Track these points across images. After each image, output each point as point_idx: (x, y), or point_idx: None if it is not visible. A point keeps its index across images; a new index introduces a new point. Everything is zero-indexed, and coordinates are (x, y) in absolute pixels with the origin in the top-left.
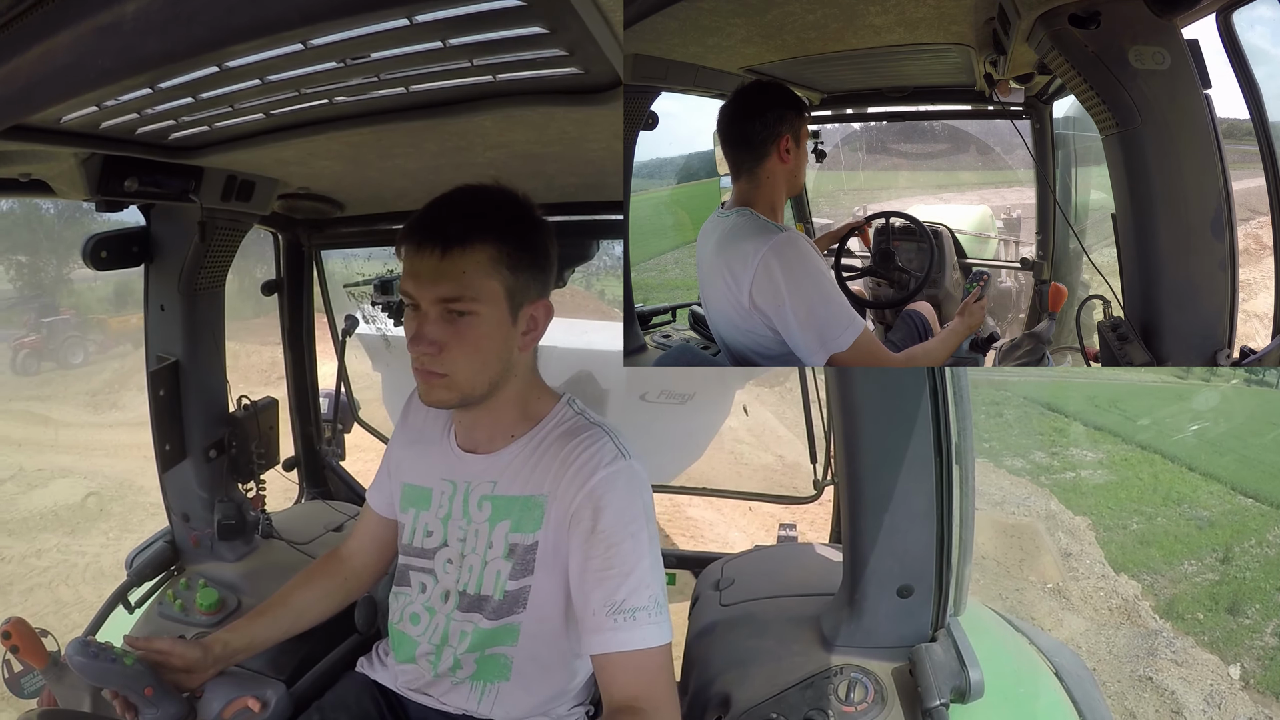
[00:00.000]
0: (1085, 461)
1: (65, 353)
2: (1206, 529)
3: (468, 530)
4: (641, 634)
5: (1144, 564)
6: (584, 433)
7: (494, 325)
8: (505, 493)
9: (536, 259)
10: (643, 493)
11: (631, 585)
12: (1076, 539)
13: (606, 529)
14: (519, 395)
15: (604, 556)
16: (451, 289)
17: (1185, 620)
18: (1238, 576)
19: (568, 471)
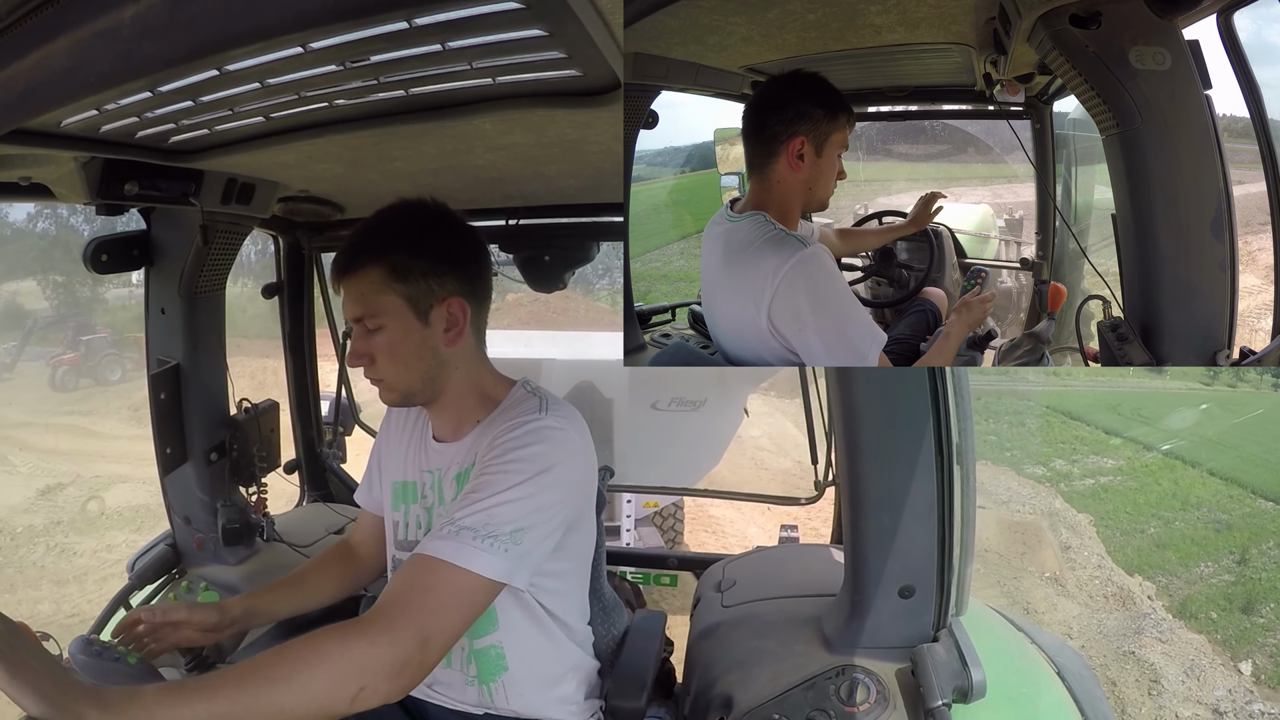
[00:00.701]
0: (1105, 468)
1: (103, 370)
2: (1224, 532)
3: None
4: (451, 547)
5: (1160, 566)
6: (522, 401)
7: (404, 332)
8: (461, 468)
9: (434, 264)
10: (540, 443)
11: (473, 508)
12: (1077, 534)
13: (489, 461)
14: (471, 384)
15: (472, 482)
16: (357, 310)
17: (1198, 619)
18: (1253, 577)
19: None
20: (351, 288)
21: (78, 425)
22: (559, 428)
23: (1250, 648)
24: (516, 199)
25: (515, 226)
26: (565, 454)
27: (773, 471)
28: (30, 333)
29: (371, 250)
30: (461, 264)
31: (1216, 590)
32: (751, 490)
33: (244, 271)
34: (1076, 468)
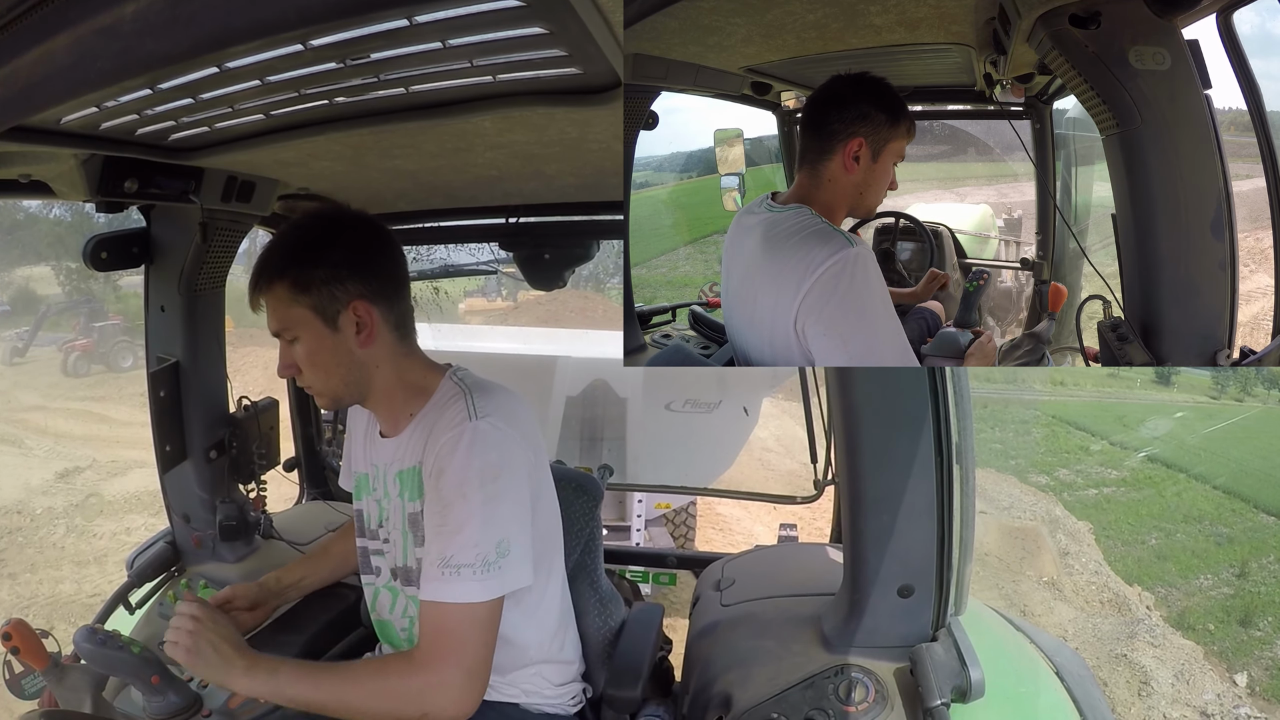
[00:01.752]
0: (1109, 479)
1: (115, 357)
2: (1225, 545)
3: (390, 508)
4: (458, 588)
5: (1159, 578)
6: (451, 400)
7: (317, 340)
8: (404, 465)
9: (332, 270)
10: (483, 453)
11: (459, 543)
12: (1076, 540)
13: (444, 488)
14: (398, 379)
15: (440, 514)
16: (273, 325)
17: (1195, 630)
18: (1252, 591)
19: (428, 438)
20: (267, 304)
21: (91, 411)
22: (490, 429)
23: (1246, 660)
24: (516, 197)
25: (515, 225)
26: (505, 452)
27: (778, 471)
28: (43, 318)
29: (274, 266)
30: (361, 266)
31: (1215, 603)
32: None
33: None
34: (1080, 477)
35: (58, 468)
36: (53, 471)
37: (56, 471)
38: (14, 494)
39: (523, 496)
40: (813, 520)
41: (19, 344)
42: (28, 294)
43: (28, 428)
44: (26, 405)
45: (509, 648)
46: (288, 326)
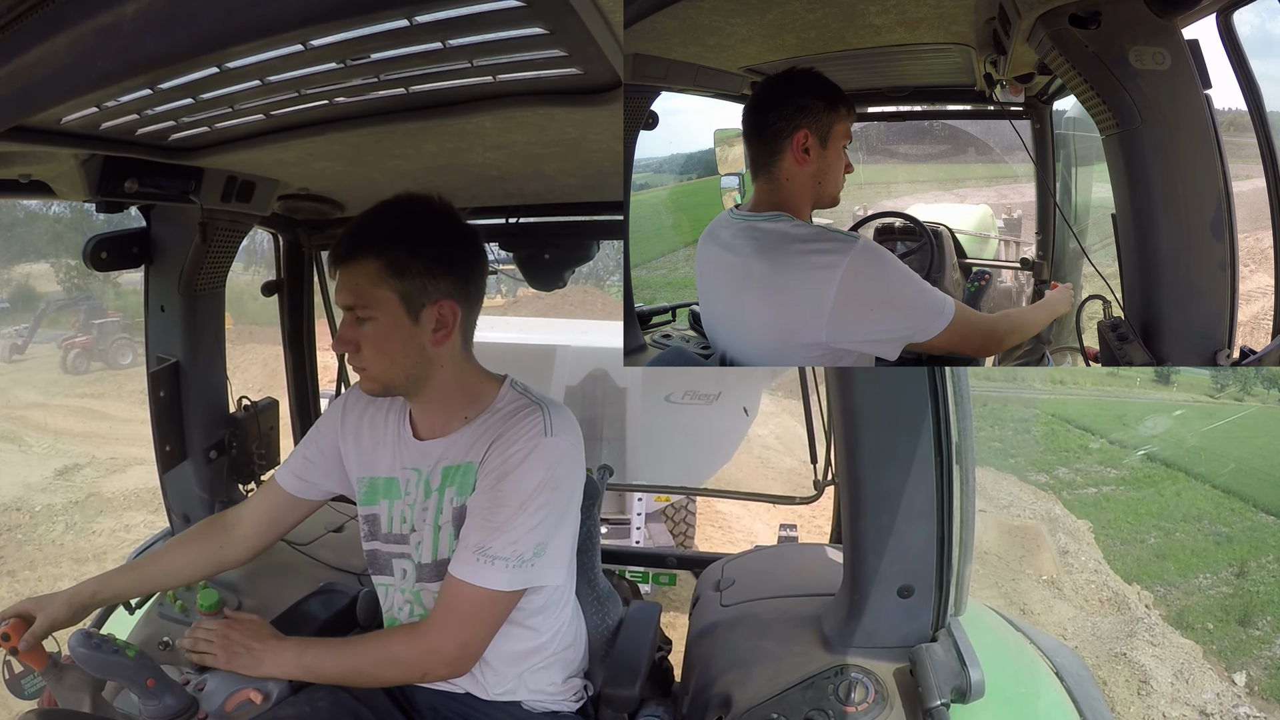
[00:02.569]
0: (1109, 478)
1: (114, 354)
2: (1224, 544)
3: (426, 505)
4: (488, 574)
5: (1158, 576)
6: (523, 411)
7: (393, 327)
8: (454, 462)
9: (432, 265)
10: (553, 467)
11: (503, 540)
12: (1075, 539)
13: (505, 491)
14: (457, 382)
15: (490, 509)
16: (349, 298)
17: (1195, 629)
18: (1251, 590)
19: (497, 443)
20: (347, 276)
21: (90, 408)
22: (567, 448)
23: (1245, 659)
24: (517, 197)
25: (515, 225)
26: (571, 469)
27: (778, 470)
28: (42, 315)
29: (372, 242)
30: (458, 266)
31: (1214, 602)
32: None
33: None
34: (1079, 476)
35: (57, 465)
36: (52, 469)
37: (56, 469)
38: (13, 491)
39: (573, 508)
40: (813, 520)
41: (18, 341)
42: (27, 291)
43: (27, 425)
44: (26, 402)
45: (529, 641)
46: (367, 304)
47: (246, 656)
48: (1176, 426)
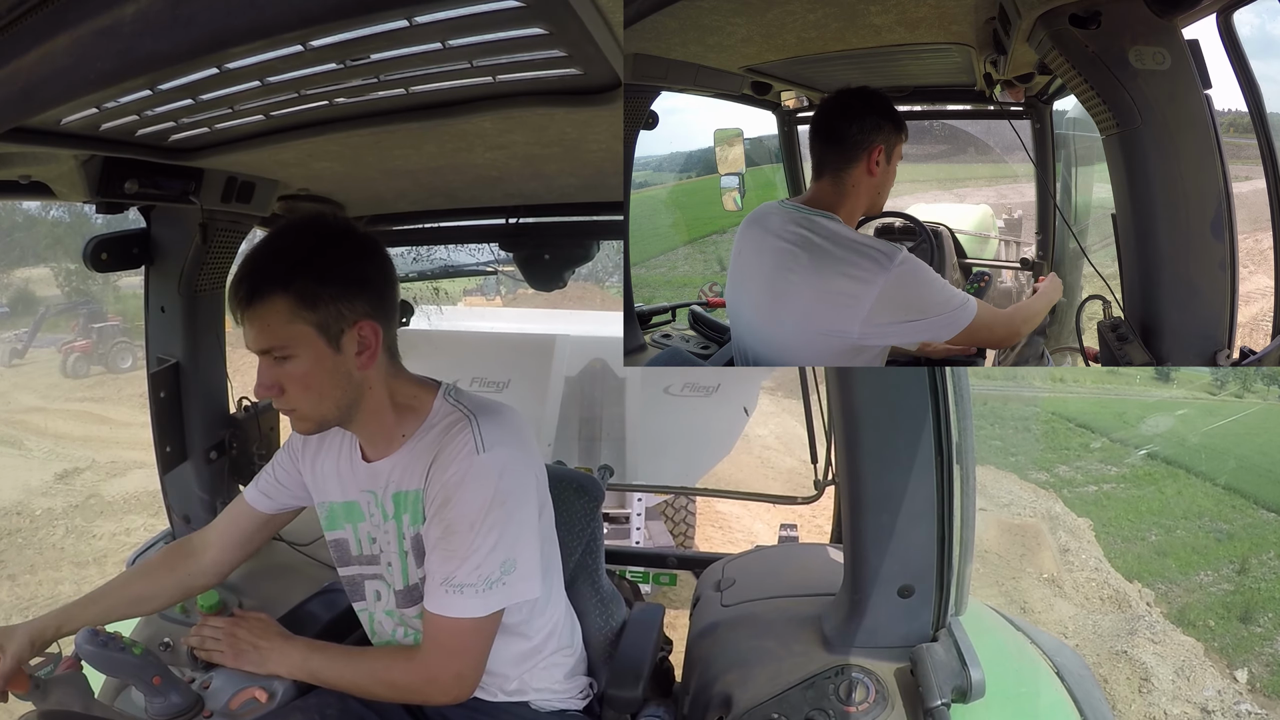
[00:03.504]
0: (1109, 475)
1: (114, 358)
2: (1225, 541)
3: (386, 530)
4: (459, 604)
5: (1159, 574)
6: (454, 427)
7: (314, 361)
8: (402, 488)
9: (343, 288)
10: (492, 483)
11: (467, 568)
12: (1076, 537)
13: (452, 518)
14: (387, 401)
15: (448, 541)
16: (263, 341)
17: (1196, 627)
18: (1253, 587)
19: (433, 466)
20: (256, 319)
21: (90, 411)
22: (505, 459)
23: (1247, 656)
24: (516, 198)
25: (515, 225)
26: (515, 479)
27: (778, 470)
28: (42, 319)
29: (276, 278)
30: (369, 283)
31: (1215, 599)
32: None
33: None
34: (1080, 474)
35: (57, 469)
36: (52, 473)
37: (56, 473)
38: (13, 495)
39: (529, 516)
40: (813, 519)
41: (18, 345)
42: (27, 295)
43: (27, 429)
44: (26, 406)
45: (523, 645)
46: (282, 344)
47: (253, 654)
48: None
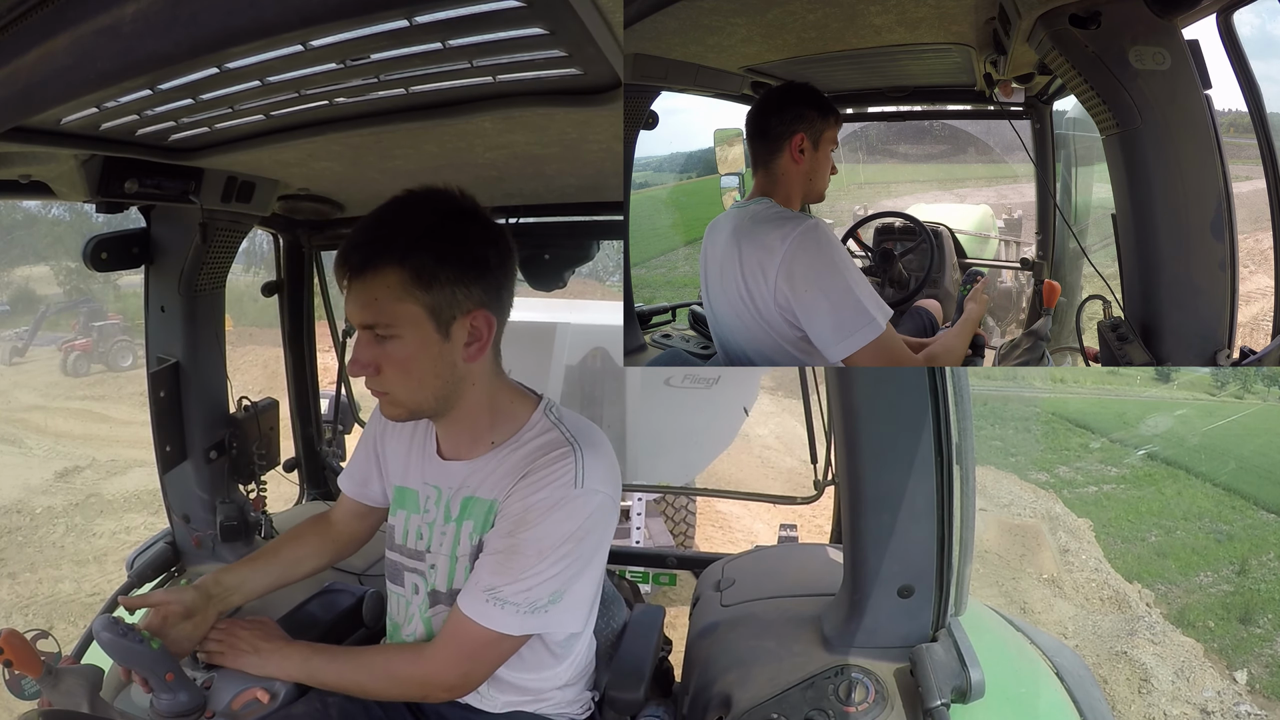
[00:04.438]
0: (1109, 476)
1: (115, 356)
2: (1225, 542)
3: (444, 532)
4: (496, 616)
5: (1159, 575)
6: (554, 450)
7: (420, 345)
8: (476, 494)
9: (462, 271)
10: (580, 521)
11: (518, 587)
12: (1076, 537)
13: (525, 540)
14: (488, 402)
15: (510, 558)
16: (367, 316)
17: (1195, 628)
18: (1253, 588)
19: (521, 482)
20: (364, 290)
21: (90, 410)
22: (601, 501)
23: (1246, 657)
24: (516, 197)
25: (515, 225)
26: (601, 522)
27: (779, 470)
28: (43, 318)
29: (393, 251)
30: (491, 271)
31: (1215, 600)
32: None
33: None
34: (1080, 474)
35: (57, 467)
36: (52, 471)
37: (56, 471)
38: (14, 493)
39: (599, 557)
40: (813, 519)
41: (18, 344)
42: (27, 294)
43: (27, 427)
44: (26, 405)
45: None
46: (388, 322)
47: (253, 656)
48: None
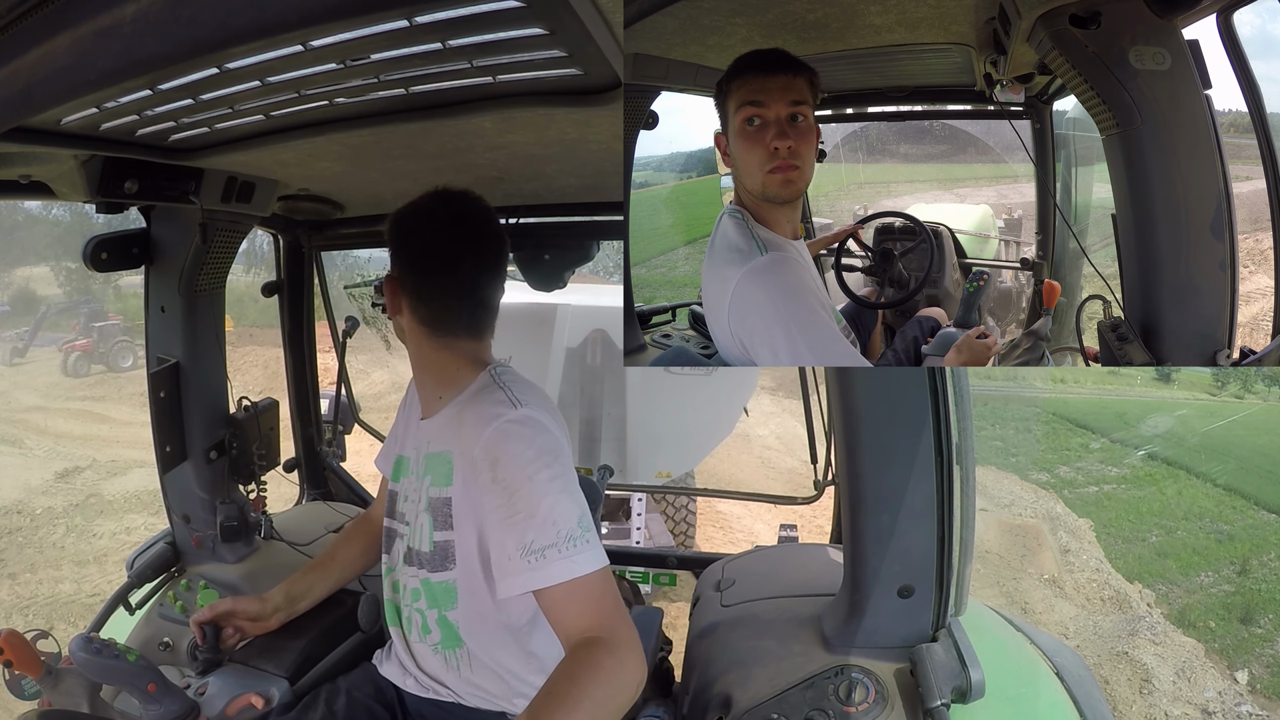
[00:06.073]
0: (1110, 476)
1: (115, 357)
2: (1226, 542)
3: (415, 490)
4: (556, 569)
5: (1160, 575)
6: (487, 390)
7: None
8: (432, 450)
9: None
10: (536, 437)
11: (537, 526)
12: (1077, 538)
13: (504, 477)
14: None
15: (507, 504)
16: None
17: (1196, 628)
18: (1254, 588)
19: (464, 427)
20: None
21: (91, 410)
22: (539, 416)
23: (1247, 657)
24: (516, 198)
25: (515, 225)
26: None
27: (779, 470)
28: (43, 318)
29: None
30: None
31: (1215, 600)
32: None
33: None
34: (1081, 474)
35: (57, 468)
36: (52, 471)
37: (56, 471)
38: (14, 494)
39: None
40: (813, 519)
41: (19, 344)
42: (27, 294)
43: (28, 428)
44: (26, 406)
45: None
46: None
47: None
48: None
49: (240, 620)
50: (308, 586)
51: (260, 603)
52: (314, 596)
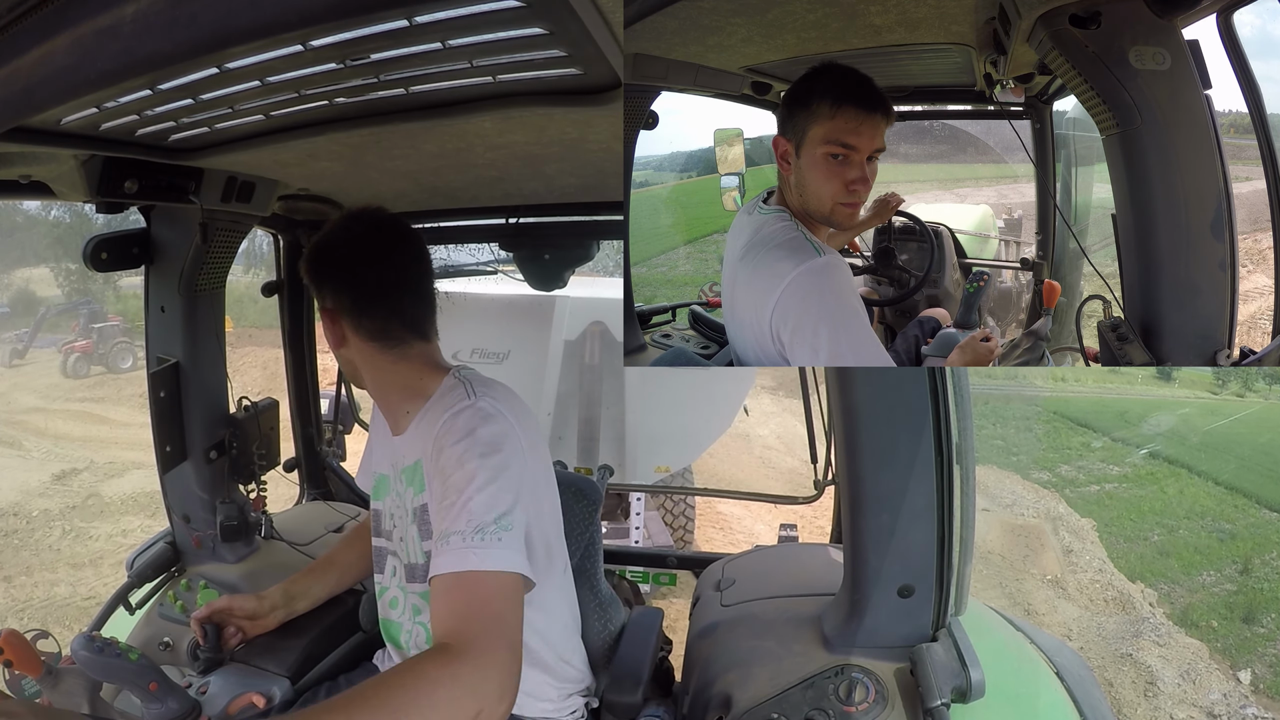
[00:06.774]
0: (1111, 475)
1: (115, 358)
2: (1228, 541)
3: (400, 505)
4: (449, 558)
5: (1162, 574)
6: (451, 393)
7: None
8: (407, 462)
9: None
10: (480, 425)
11: (455, 512)
12: (1079, 537)
13: (444, 464)
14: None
15: (441, 489)
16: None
17: (1199, 628)
18: (1256, 587)
19: (429, 429)
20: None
21: (90, 412)
22: (488, 407)
23: (1250, 657)
24: (516, 198)
25: (515, 225)
26: (504, 429)
27: (780, 470)
28: (43, 319)
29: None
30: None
31: (1218, 599)
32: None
33: (256, 261)
34: (1082, 474)
35: (55, 470)
36: (50, 473)
37: (54, 473)
38: (11, 496)
39: (523, 479)
40: (813, 519)
41: (18, 345)
42: (27, 295)
43: (26, 429)
44: (26, 407)
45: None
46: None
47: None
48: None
49: (237, 618)
50: (306, 587)
51: (258, 601)
52: (312, 598)
